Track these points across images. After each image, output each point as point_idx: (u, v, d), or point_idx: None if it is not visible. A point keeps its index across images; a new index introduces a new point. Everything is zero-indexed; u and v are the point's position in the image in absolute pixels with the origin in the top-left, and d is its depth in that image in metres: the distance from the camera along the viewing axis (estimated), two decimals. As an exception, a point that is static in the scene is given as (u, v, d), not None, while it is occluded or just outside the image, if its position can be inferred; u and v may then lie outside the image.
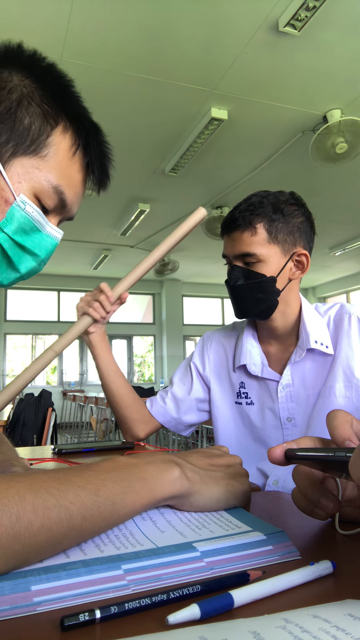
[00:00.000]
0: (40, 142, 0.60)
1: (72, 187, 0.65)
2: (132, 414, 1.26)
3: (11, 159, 0.59)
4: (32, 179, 0.60)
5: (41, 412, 3.89)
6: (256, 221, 1.05)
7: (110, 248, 7.87)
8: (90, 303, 1.11)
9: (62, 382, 10.11)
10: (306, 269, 1.10)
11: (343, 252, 7.99)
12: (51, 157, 0.61)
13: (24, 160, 0.59)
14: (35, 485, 0.39)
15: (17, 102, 0.59)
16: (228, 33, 2.88)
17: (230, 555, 0.41)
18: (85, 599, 0.34)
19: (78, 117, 0.64)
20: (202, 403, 1.28)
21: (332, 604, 0.32)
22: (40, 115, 0.60)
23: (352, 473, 0.34)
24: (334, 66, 3.20)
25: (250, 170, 4.84)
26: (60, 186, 0.62)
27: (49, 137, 0.61)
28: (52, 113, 0.61)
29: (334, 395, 1.05)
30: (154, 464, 0.48)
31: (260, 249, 1.05)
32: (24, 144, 0.59)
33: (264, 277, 1.06)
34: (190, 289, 10.85)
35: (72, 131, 0.63)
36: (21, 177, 0.60)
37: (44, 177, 0.61)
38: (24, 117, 0.59)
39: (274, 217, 1.06)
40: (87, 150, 0.66)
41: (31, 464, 0.97)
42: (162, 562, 0.39)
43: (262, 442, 1.16)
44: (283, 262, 1.07)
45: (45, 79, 0.62)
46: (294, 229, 1.08)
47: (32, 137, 0.59)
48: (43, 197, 0.62)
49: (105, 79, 3.27)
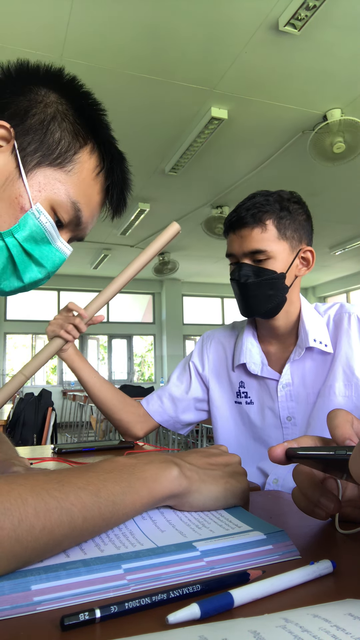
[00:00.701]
0: (67, 157, 0.63)
1: (89, 206, 0.66)
2: (126, 417, 1.26)
3: (35, 168, 0.61)
4: (52, 190, 0.62)
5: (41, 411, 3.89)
6: (266, 218, 1.06)
7: (110, 247, 7.86)
8: (63, 325, 1.09)
9: (62, 382, 10.11)
10: (311, 265, 1.12)
11: (343, 251, 7.99)
12: (75, 173, 0.63)
13: (47, 171, 0.62)
14: (37, 487, 0.39)
15: (51, 116, 0.62)
16: (228, 33, 2.88)
17: (230, 555, 0.41)
18: (85, 598, 0.34)
19: (106, 142, 0.67)
20: (201, 402, 1.28)
21: (332, 603, 0.32)
22: (72, 132, 0.63)
23: (352, 471, 0.34)
24: (334, 66, 3.20)
25: (250, 170, 4.84)
26: (78, 202, 0.64)
27: (76, 153, 0.63)
28: (83, 133, 0.64)
29: (333, 394, 1.05)
30: (153, 464, 0.48)
31: (272, 246, 1.05)
32: (50, 156, 0.61)
33: (275, 273, 1.06)
34: (190, 288, 10.85)
35: (98, 154, 0.66)
36: (42, 187, 0.61)
37: (65, 190, 0.63)
38: (56, 131, 0.62)
39: (281, 214, 1.06)
40: (110, 174, 0.68)
41: (31, 463, 0.97)
42: (162, 562, 0.39)
43: (262, 441, 1.16)
44: (291, 259, 1.08)
45: (82, 102, 0.65)
46: (299, 226, 1.09)
47: (60, 150, 0.62)
48: (60, 210, 0.63)
49: (105, 78, 3.27)
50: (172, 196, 5.57)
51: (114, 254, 8.10)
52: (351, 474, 0.34)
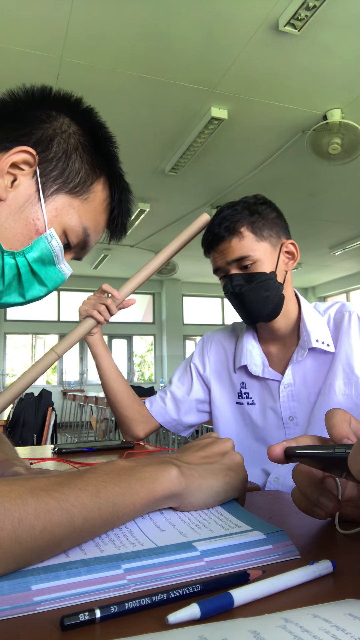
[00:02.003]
0: (85, 187, 0.67)
1: (96, 232, 0.72)
2: (131, 414, 1.27)
3: (54, 194, 0.65)
4: (67, 215, 0.66)
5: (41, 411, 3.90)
6: (239, 226, 1.08)
7: (110, 247, 7.86)
8: (96, 306, 1.12)
9: (62, 382, 10.11)
10: (297, 256, 1.13)
11: (343, 251, 7.99)
12: (89, 202, 0.68)
13: (65, 197, 0.66)
14: (37, 488, 0.39)
15: (73, 147, 0.66)
16: (228, 32, 2.88)
17: (230, 555, 0.41)
18: (85, 598, 0.34)
19: (117, 175, 0.73)
20: (202, 404, 1.28)
21: (332, 603, 0.32)
22: (90, 163, 0.68)
23: (351, 468, 0.34)
24: (334, 66, 3.20)
25: (250, 170, 4.84)
26: (88, 228, 0.69)
27: (92, 184, 0.68)
28: (99, 165, 0.69)
29: (333, 393, 1.05)
30: (152, 465, 0.48)
31: (253, 249, 1.07)
32: (70, 184, 0.66)
33: (265, 274, 1.07)
34: (190, 288, 10.85)
35: (110, 186, 0.72)
36: (58, 212, 0.65)
37: (78, 217, 0.67)
38: (76, 161, 0.66)
39: (252, 219, 1.08)
40: (118, 205, 0.74)
41: (31, 463, 0.97)
42: (162, 562, 0.39)
43: (264, 441, 1.16)
44: (275, 256, 1.10)
45: (99, 135, 0.70)
46: (272, 224, 1.11)
47: (79, 180, 0.67)
48: (70, 235, 0.68)
49: (105, 78, 3.27)
50: (172, 196, 5.57)
51: (113, 254, 8.10)
52: (351, 471, 0.34)
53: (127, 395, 1.27)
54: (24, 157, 0.62)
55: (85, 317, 1.11)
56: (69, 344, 1.02)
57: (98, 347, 1.24)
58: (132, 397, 1.28)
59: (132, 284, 1.08)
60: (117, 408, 1.27)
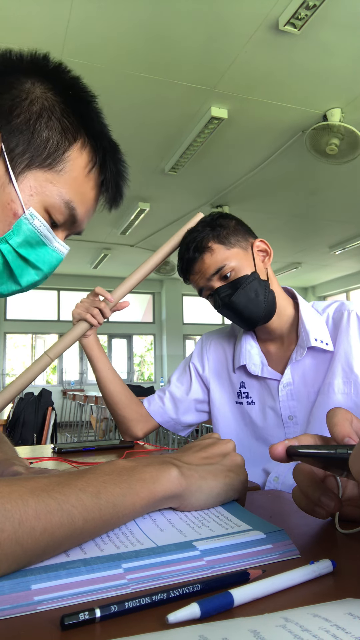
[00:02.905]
0: (57, 157, 0.60)
1: (84, 203, 0.64)
2: (130, 414, 1.27)
3: (25, 171, 0.59)
4: (44, 192, 0.60)
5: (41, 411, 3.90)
6: (206, 242, 1.09)
7: (110, 247, 7.86)
8: (89, 309, 1.13)
9: (62, 382, 10.11)
10: (270, 252, 1.15)
11: (343, 251, 7.99)
12: (66, 173, 0.61)
13: (38, 173, 0.59)
14: (38, 489, 0.39)
15: (37, 114, 0.58)
16: (228, 32, 2.88)
17: (230, 554, 0.41)
18: (85, 597, 0.34)
19: (97, 135, 0.64)
20: (201, 404, 1.28)
21: (332, 602, 0.32)
22: (60, 130, 0.60)
23: (352, 470, 0.34)
24: (334, 65, 3.20)
25: (250, 169, 4.84)
26: (72, 202, 0.62)
27: (65, 152, 0.61)
28: (72, 129, 0.61)
29: (332, 392, 1.05)
30: (152, 466, 0.48)
31: (227, 258, 1.08)
32: (39, 157, 0.59)
33: (247, 276, 1.08)
34: (190, 288, 10.72)
35: (90, 148, 0.63)
36: (33, 190, 0.59)
37: (57, 191, 0.61)
38: (43, 130, 0.59)
39: (215, 232, 1.10)
40: (103, 168, 0.65)
41: (31, 463, 0.97)
42: (162, 561, 0.39)
43: (264, 441, 1.16)
44: (250, 257, 1.11)
45: (68, 93, 0.61)
46: (235, 230, 1.12)
47: (49, 150, 0.59)
48: (53, 212, 0.62)
49: (105, 77, 3.27)
50: (172, 196, 5.57)
51: (113, 253, 8.10)
52: (352, 472, 0.34)
53: (124, 396, 1.27)
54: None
55: (78, 320, 1.12)
56: (62, 347, 1.02)
57: (93, 349, 1.24)
58: (129, 397, 1.28)
59: (126, 286, 1.09)
60: (115, 409, 1.27)
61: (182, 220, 6.39)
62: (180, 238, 1.13)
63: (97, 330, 1.23)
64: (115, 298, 1.09)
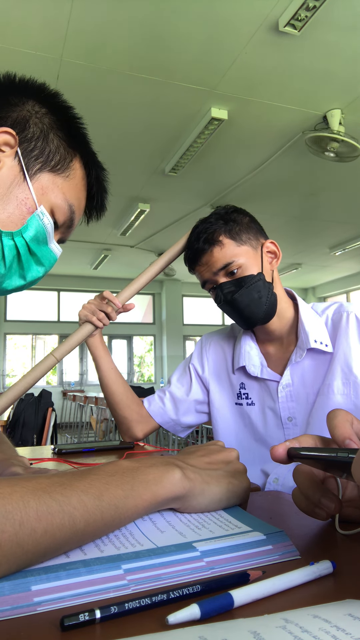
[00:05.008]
0: (65, 164, 0.69)
1: (80, 210, 0.74)
2: (131, 414, 1.27)
3: (37, 173, 0.67)
4: (52, 193, 0.68)
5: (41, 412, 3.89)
6: (217, 235, 1.09)
7: (110, 248, 7.86)
8: (95, 312, 1.13)
9: (62, 382, 10.11)
10: (279, 254, 1.15)
11: (343, 251, 7.99)
12: (71, 179, 0.70)
13: (48, 176, 0.68)
14: (39, 490, 0.38)
15: (48, 126, 0.68)
16: (228, 33, 2.88)
17: (230, 555, 0.41)
18: (85, 598, 0.34)
19: (91, 154, 0.75)
20: (201, 405, 1.28)
21: (332, 604, 0.32)
22: (66, 141, 0.70)
23: (355, 476, 0.34)
24: (334, 66, 3.20)
25: (250, 170, 4.84)
26: (73, 206, 0.71)
27: (71, 161, 0.70)
28: (73, 144, 0.71)
29: (332, 393, 1.05)
30: (156, 467, 0.48)
31: (236, 255, 1.08)
32: (51, 162, 0.68)
33: (253, 276, 1.08)
34: (190, 289, 10.85)
35: (85, 164, 0.73)
36: (44, 190, 0.67)
37: (63, 194, 0.69)
38: (54, 140, 0.68)
39: (228, 227, 1.10)
40: (96, 182, 0.76)
41: (31, 463, 0.97)
42: (162, 562, 0.39)
43: (264, 442, 1.16)
44: (259, 257, 1.10)
45: (68, 116, 0.71)
46: (248, 227, 1.12)
47: (59, 158, 0.68)
48: (57, 213, 0.69)
49: (105, 78, 3.27)
50: (172, 197, 5.57)
51: (114, 254, 8.10)
52: (354, 479, 0.34)
53: (126, 397, 1.27)
54: (5, 138, 0.64)
55: (84, 321, 1.13)
56: (67, 348, 1.03)
57: (98, 349, 1.24)
58: (131, 398, 1.28)
59: (132, 289, 1.10)
60: (116, 409, 1.27)
61: (182, 220, 6.40)
62: (186, 241, 1.13)
63: (98, 330, 1.23)
64: (122, 300, 1.10)
